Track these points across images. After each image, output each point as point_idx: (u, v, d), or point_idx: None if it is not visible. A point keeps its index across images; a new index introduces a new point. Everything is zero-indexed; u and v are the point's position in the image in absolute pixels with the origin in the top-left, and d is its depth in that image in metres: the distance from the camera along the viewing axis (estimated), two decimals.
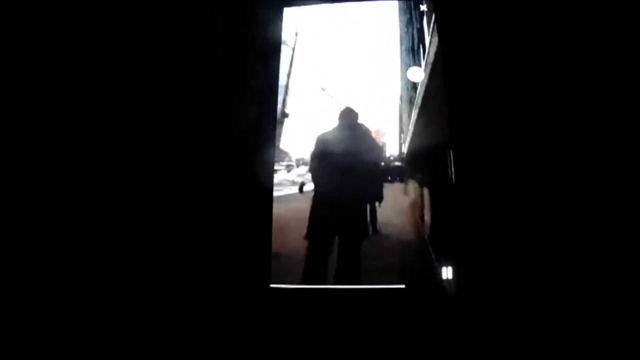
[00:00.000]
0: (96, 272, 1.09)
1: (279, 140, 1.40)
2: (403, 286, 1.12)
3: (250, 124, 1.17)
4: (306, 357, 1.05)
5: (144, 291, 1.08)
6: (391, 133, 1.40)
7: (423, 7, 1.26)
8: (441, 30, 1.19)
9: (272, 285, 1.12)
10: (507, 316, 1.00)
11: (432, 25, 1.24)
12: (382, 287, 1.12)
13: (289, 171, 1.40)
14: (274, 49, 1.22)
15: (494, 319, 1.01)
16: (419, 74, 1.30)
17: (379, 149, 1.35)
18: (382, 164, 1.35)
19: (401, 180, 1.37)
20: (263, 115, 1.18)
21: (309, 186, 1.36)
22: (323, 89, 1.37)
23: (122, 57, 1.17)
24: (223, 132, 1.16)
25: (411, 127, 1.32)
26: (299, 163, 1.43)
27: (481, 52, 1.12)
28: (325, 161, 1.28)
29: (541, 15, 1.08)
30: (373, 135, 1.35)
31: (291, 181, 1.39)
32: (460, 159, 1.12)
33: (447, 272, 1.11)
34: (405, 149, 1.36)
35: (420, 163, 1.34)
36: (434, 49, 1.24)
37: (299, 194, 1.41)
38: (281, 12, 1.24)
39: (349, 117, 1.31)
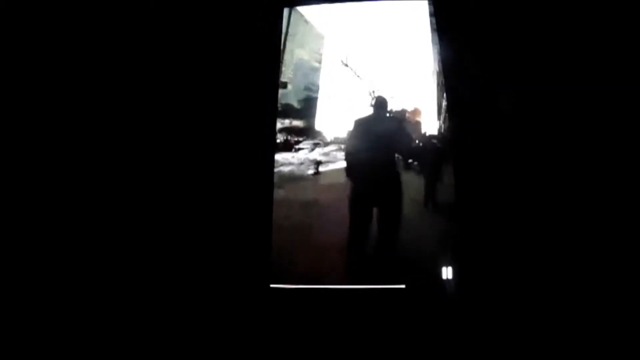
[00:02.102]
0: (96, 272, 1.09)
1: (314, 120, 1.40)
2: (403, 286, 1.12)
3: (250, 123, 1.17)
4: (306, 357, 1.06)
5: (144, 291, 1.08)
6: (429, 109, 1.38)
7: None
8: (441, 30, 1.19)
9: (272, 285, 1.12)
10: (507, 316, 1.01)
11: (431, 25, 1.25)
12: (382, 287, 1.12)
13: (312, 150, 1.39)
14: (274, 49, 1.22)
15: (494, 319, 1.01)
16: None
17: (407, 137, 1.36)
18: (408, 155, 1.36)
19: (434, 168, 1.32)
20: (263, 115, 1.18)
21: (330, 167, 1.35)
22: (345, 64, 1.38)
23: (122, 57, 1.17)
24: (223, 132, 1.16)
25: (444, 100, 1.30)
26: (326, 143, 1.42)
27: (481, 52, 1.12)
28: (358, 146, 1.32)
29: (541, 15, 1.08)
30: (409, 114, 1.36)
31: (313, 160, 1.37)
32: (460, 158, 1.12)
33: (447, 272, 1.11)
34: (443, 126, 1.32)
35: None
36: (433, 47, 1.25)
37: (312, 178, 1.37)
38: (281, 12, 1.24)
39: (378, 107, 1.35)
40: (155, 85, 1.17)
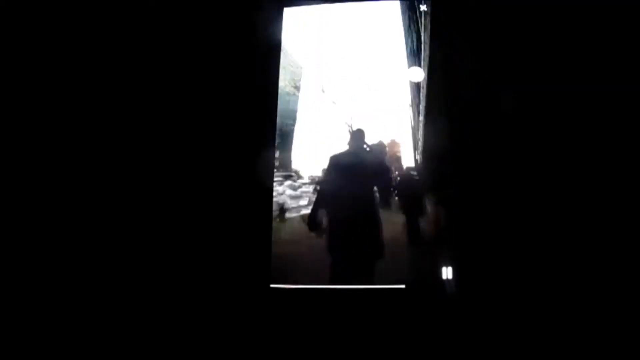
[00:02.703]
0: (96, 272, 1.09)
1: (289, 152, 1.34)
2: (403, 286, 1.12)
3: (250, 124, 1.17)
4: (306, 357, 1.05)
5: (144, 291, 1.08)
6: (406, 140, 1.32)
7: (423, 7, 1.26)
8: (441, 30, 1.19)
9: (272, 285, 1.12)
10: (507, 316, 1.00)
11: (430, 25, 1.24)
12: (382, 287, 1.12)
13: (281, 183, 1.30)
14: (274, 49, 1.22)
15: (494, 318, 1.01)
16: (419, 75, 1.28)
17: (387, 172, 1.29)
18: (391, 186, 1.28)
19: (413, 201, 1.24)
20: (263, 115, 1.18)
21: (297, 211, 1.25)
22: (323, 91, 1.34)
23: (122, 57, 1.17)
24: (223, 132, 1.16)
25: (421, 132, 1.25)
26: (300, 176, 1.34)
27: (481, 52, 1.12)
28: (335, 183, 1.24)
29: (541, 15, 1.08)
30: (388, 147, 1.29)
31: (276, 203, 1.26)
32: (460, 159, 1.12)
33: (447, 272, 1.11)
34: (419, 157, 1.26)
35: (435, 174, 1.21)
36: (433, 49, 1.23)
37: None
38: (281, 12, 1.24)
39: (355, 140, 1.28)
40: (154, 85, 1.16)
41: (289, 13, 1.26)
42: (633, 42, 1.03)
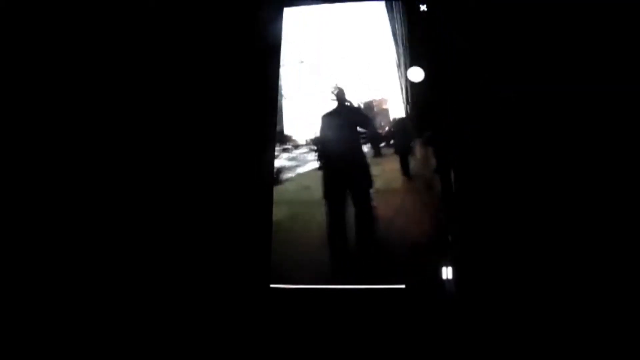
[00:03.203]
0: (95, 272, 1.09)
1: (281, 125, 1.39)
2: (403, 286, 1.12)
3: (250, 124, 1.17)
4: (306, 357, 1.05)
5: (141, 291, 1.08)
6: (396, 97, 1.38)
7: (423, 7, 1.26)
8: (440, 30, 1.19)
9: (272, 285, 1.12)
10: (508, 316, 1.00)
11: (430, 25, 1.25)
12: (382, 287, 1.12)
13: (277, 157, 1.38)
14: (274, 49, 1.22)
15: (494, 318, 1.01)
16: (419, 75, 1.30)
17: (371, 119, 1.37)
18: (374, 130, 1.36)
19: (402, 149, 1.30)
20: (263, 115, 1.18)
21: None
22: (301, 62, 1.37)
23: (120, 57, 1.17)
24: (223, 132, 1.16)
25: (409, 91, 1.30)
26: (297, 146, 1.40)
27: (481, 52, 1.12)
28: (325, 135, 1.31)
29: (541, 15, 1.08)
30: (375, 104, 1.36)
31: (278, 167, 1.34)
32: (460, 158, 1.12)
33: (447, 272, 1.11)
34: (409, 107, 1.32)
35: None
36: (432, 48, 1.24)
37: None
38: (281, 12, 1.24)
39: (338, 97, 1.34)
40: (153, 85, 1.17)
41: (289, 13, 1.26)
42: (633, 42, 1.03)
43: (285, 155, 1.38)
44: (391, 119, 1.46)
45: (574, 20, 1.06)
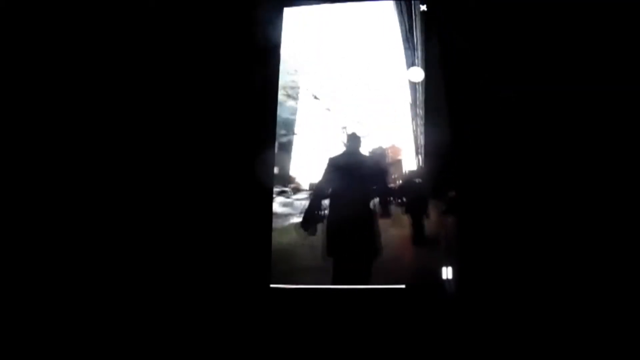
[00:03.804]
0: (95, 273, 1.09)
1: (288, 164, 1.28)
2: (403, 286, 1.12)
3: (250, 124, 1.17)
4: (306, 357, 1.05)
5: (142, 291, 1.08)
6: (407, 146, 1.26)
7: (423, 7, 1.26)
8: (440, 30, 1.19)
9: (272, 285, 1.12)
10: (508, 316, 1.00)
11: (430, 25, 1.24)
12: (382, 287, 1.12)
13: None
14: (274, 49, 1.22)
15: (494, 318, 1.01)
16: (419, 74, 1.28)
17: (384, 176, 1.25)
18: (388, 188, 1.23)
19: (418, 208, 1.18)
20: (263, 115, 1.18)
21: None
22: (316, 98, 1.31)
23: (120, 57, 1.17)
24: (222, 132, 1.16)
25: (421, 134, 1.21)
26: (297, 190, 1.29)
27: (481, 52, 1.12)
28: (333, 186, 1.20)
29: (541, 14, 1.08)
30: (388, 153, 1.25)
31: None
32: (460, 158, 1.12)
33: (447, 272, 1.11)
34: (421, 160, 1.23)
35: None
36: (432, 49, 1.23)
37: None
38: (281, 12, 1.24)
39: (351, 142, 1.24)
40: (153, 85, 1.17)
41: (289, 13, 1.26)
42: (633, 42, 1.03)
43: (280, 199, 1.25)
44: (404, 171, 1.32)
45: (573, 20, 1.06)
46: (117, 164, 1.14)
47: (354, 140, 1.24)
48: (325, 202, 1.22)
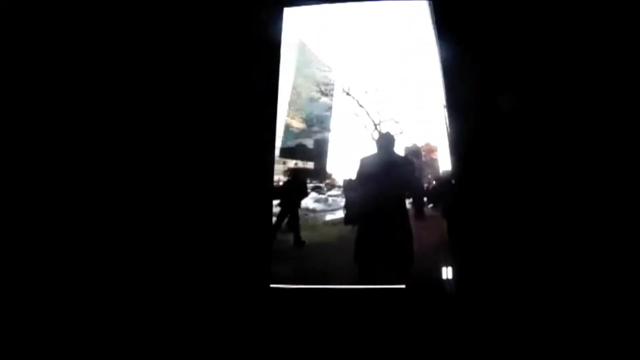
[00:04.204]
0: (97, 272, 1.09)
1: (325, 160, 1.25)
2: (403, 286, 1.11)
3: (250, 124, 1.17)
4: (306, 357, 1.05)
5: (144, 291, 1.08)
6: (442, 144, 1.19)
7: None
8: (441, 30, 1.19)
9: (272, 285, 1.12)
10: (507, 316, 1.00)
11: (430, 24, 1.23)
12: (382, 287, 1.12)
13: (307, 194, 1.19)
14: (274, 49, 1.22)
15: (494, 318, 1.01)
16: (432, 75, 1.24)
17: (419, 181, 1.17)
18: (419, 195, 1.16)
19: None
20: (263, 115, 1.18)
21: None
22: (347, 93, 1.27)
23: (122, 57, 1.17)
24: (223, 132, 1.16)
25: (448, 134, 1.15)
26: (333, 186, 1.24)
27: (481, 52, 1.11)
28: (365, 188, 1.14)
29: (541, 15, 1.08)
30: (423, 151, 1.20)
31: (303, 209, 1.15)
32: (460, 159, 1.12)
33: (447, 272, 1.11)
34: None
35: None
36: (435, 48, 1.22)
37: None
38: (281, 12, 1.24)
39: (383, 143, 1.16)
40: (154, 85, 1.16)
41: (289, 13, 1.26)
42: (633, 42, 1.03)
43: (314, 194, 1.20)
44: (440, 172, 1.21)
45: (573, 20, 1.06)
46: (117, 163, 1.13)
47: (386, 139, 1.17)
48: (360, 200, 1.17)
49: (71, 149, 1.14)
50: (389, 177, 1.19)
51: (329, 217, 1.22)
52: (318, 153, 1.25)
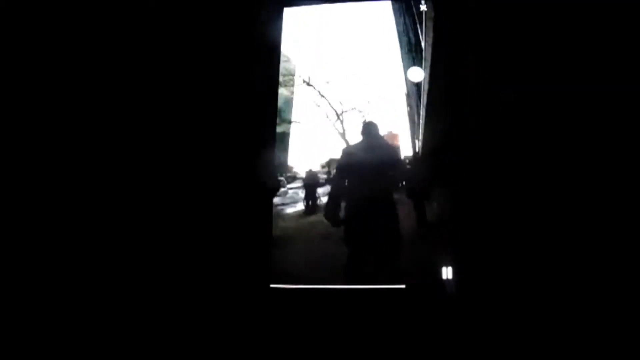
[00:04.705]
0: (98, 272, 1.09)
1: (286, 154, 1.26)
2: (403, 286, 1.12)
3: (250, 124, 1.17)
4: (306, 356, 1.05)
5: (145, 291, 1.08)
6: (403, 132, 1.28)
7: (423, 7, 1.26)
8: (441, 30, 1.19)
9: (272, 285, 1.12)
10: (506, 316, 1.00)
11: (430, 25, 1.24)
12: (382, 287, 1.12)
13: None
14: (274, 49, 1.22)
15: (494, 318, 1.01)
16: (419, 74, 1.28)
17: (401, 164, 1.24)
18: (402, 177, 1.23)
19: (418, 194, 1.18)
20: (263, 115, 1.18)
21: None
22: (308, 84, 1.29)
23: (122, 57, 1.17)
24: (223, 132, 1.16)
25: (421, 127, 1.22)
26: (293, 178, 1.27)
27: (481, 52, 1.12)
28: (352, 175, 1.19)
29: (541, 15, 1.08)
30: (387, 138, 1.26)
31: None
32: (460, 159, 1.12)
33: (447, 272, 1.11)
34: (419, 149, 1.23)
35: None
36: (433, 48, 1.23)
37: None
38: (281, 12, 1.24)
39: (369, 131, 1.22)
40: (154, 85, 1.16)
41: (289, 13, 1.26)
42: (633, 42, 1.03)
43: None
44: (403, 156, 1.31)
45: (573, 20, 1.06)
46: (116, 163, 1.13)
47: (372, 126, 1.22)
48: (343, 192, 1.20)
49: (73, 150, 1.14)
50: (379, 161, 1.24)
51: (289, 210, 1.24)
52: (278, 145, 1.26)
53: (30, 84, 1.15)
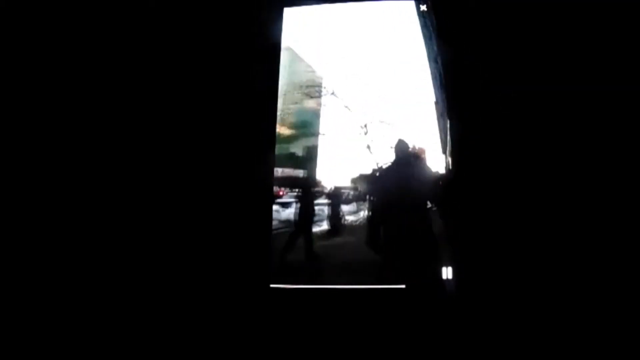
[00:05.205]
0: (100, 272, 1.09)
1: (314, 168, 1.24)
2: (403, 286, 1.12)
3: (250, 124, 1.17)
4: (306, 356, 1.05)
5: (145, 291, 1.08)
6: (432, 142, 1.25)
7: (423, 7, 1.26)
8: (441, 30, 1.19)
9: (272, 285, 1.12)
10: (506, 315, 1.00)
11: (430, 24, 1.23)
12: (382, 287, 1.12)
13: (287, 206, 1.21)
14: (274, 49, 1.21)
15: (493, 318, 1.01)
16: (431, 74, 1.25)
17: (436, 187, 1.21)
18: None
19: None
20: (263, 115, 1.18)
21: None
22: (334, 95, 1.29)
23: (122, 57, 1.17)
24: (223, 133, 1.16)
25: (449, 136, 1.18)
26: (318, 195, 1.24)
27: (481, 52, 1.11)
28: (390, 199, 1.16)
29: (541, 15, 1.08)
30: (416, 153, 1.23)
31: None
32: (460, 159, 1.12)
33: (447, 272, 1.11)
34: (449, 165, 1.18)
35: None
36: (437, 48, 1.22)
37: None
38: (281, 12, 1.24)
39: (400, 150, 1.19)
40: (154, 85, 1.16)
41: (289, 13, 1.26)
42: (633, 42, 1.03)
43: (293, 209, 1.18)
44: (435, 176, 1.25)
45: (573, 20, 1.06)
46: (118, 165, 1.13)
47: (403, 145, 1.19)
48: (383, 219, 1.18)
49: (74, 150, 1.14)
50: (418, 187, 1.22)
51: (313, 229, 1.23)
52: (307, 159, 1.25)
53: (31, 84, 1.15)
